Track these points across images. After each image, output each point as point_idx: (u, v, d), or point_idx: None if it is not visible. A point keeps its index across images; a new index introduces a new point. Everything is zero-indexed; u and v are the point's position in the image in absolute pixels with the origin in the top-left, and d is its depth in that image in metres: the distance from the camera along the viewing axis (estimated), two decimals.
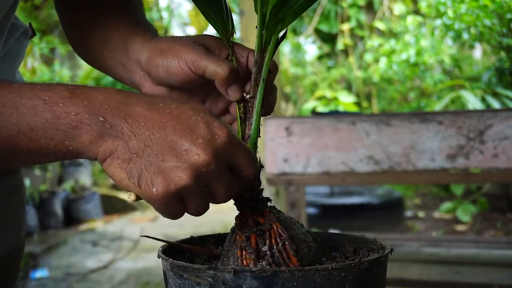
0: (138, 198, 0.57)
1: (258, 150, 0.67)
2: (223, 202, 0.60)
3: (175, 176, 0.53)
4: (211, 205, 0.61)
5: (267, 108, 0.68)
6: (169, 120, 0.55)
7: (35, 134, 0.54)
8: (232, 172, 0.58)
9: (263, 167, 0.67)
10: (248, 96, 0.68)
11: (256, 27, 0.66)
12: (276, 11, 0.64)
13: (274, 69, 0.67)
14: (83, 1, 0.80)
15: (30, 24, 0.86)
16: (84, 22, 0.79)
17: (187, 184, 0.54)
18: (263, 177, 0.67)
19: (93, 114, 0.54)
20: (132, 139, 0.54)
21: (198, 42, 0.69)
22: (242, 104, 0.68)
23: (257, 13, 0.65)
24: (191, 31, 9.15)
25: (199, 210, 0.58)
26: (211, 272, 0.57)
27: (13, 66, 0.81)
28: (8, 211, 0.82)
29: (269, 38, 0.66)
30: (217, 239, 0.75)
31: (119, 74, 0.77)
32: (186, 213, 0.59)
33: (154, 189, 0.54)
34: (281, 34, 0.67)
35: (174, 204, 0.56)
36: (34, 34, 0.87)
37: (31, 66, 6.00)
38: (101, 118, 0.54)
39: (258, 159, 0.67)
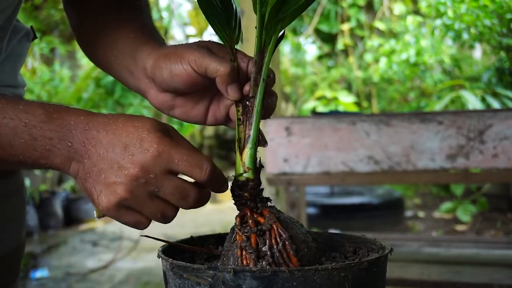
0: (99, 213, 0.62)
1: (258, 150, 0.67)
2: (187, 207, 0.63)
3: (113, 191, 0.59)
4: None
5: (266, 111, 0.69)
6: (112, 140, 0.60)
7: (15, 151, 0.60)
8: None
9: (263, 167, 0.68)
10: (248, 97, 0.68)
11: (256, 27, 0.66)
12: (275, 12, 0.64)
13: (272, 74, 0.68)
14: (91, 2, 0.80)
15: (31, 26, 0.86)
16: (92, 23, 0.80)
17: (123, 197, 0.59)
18: (263, 177, 0.68)
19: (63, 139, 0.61)
20: (86, 161, 0.61)
21: (201, 45, 0.70)
22: (240, 107, 0.68)
23: (256, 14, 0.65)
24: (191, 31, 9.16)
25: (157, 217, 0.62)
26: (211, 272, 0.57)
27: (15, 68, 0.81)
28: (8, 211, 0.82)
29: (269, 38, 0.66)
30: (217, 239, 0.75)
31: (126, 79, 0.78)
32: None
33: (101, 204, 0.60)
34: (280, 34, 0.68)
35: (124, 215, 0.61)
36: (35, 37, 0.87)
37: (31, 66, 6.00)
38: (69, 143, 0.61)
39: (258, 159, 0.67)
